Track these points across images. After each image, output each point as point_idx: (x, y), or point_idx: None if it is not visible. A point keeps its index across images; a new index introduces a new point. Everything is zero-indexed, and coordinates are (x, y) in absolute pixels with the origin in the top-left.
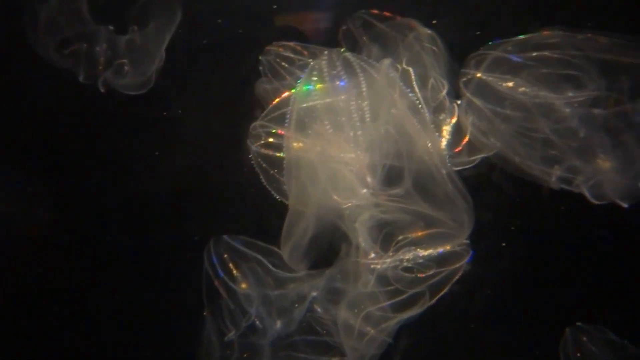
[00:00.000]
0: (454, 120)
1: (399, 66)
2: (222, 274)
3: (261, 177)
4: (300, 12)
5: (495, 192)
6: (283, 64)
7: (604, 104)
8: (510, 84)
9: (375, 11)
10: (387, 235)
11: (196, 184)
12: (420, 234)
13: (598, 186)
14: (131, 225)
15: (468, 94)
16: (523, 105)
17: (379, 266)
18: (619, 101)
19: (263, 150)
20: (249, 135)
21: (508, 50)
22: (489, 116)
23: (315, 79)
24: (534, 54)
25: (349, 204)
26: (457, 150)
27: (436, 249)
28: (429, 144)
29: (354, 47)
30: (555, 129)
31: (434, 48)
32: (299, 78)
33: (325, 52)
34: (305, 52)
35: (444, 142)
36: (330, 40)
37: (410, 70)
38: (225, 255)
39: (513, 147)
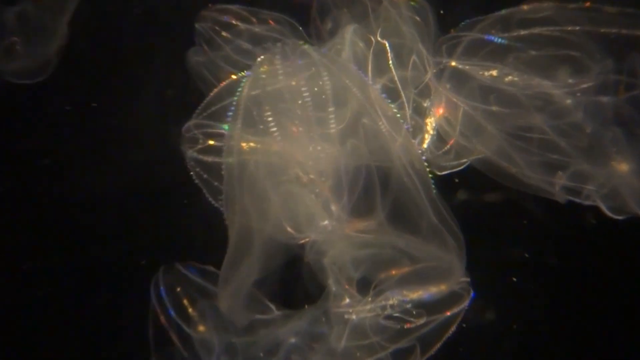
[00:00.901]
0: (441, 111)
1: (372, 38)
2: (173, 312)
3: (204, 191)
4: None
5: (498, 212)
6: (223, 33)
7: (613, 90)
8: (494, 73)
9: None
10: (364, 275)
11: (139, 197)
12: (405, 271)
13: (614, 195)
14: (59, 246)
15: (442, 88)
16: (512, 99)
17: (354, 316)
18: (632, 85)
19: (202, 157)
20: (182, 139)
21: (487, 30)
22: (471, 115)
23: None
24: (521, 32)
25: (307, 239)
26: (443, 149)
27: (427, 291)
28: (408, 164)
29: (326, 16)
30: (554, 126)
31: (416, 17)
32: (238, 47)
33: (278, 44)
34: (254, 20)
35: (427, 139)
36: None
37: (387, 44)
38: (178, 289)
39: (504, 152)
